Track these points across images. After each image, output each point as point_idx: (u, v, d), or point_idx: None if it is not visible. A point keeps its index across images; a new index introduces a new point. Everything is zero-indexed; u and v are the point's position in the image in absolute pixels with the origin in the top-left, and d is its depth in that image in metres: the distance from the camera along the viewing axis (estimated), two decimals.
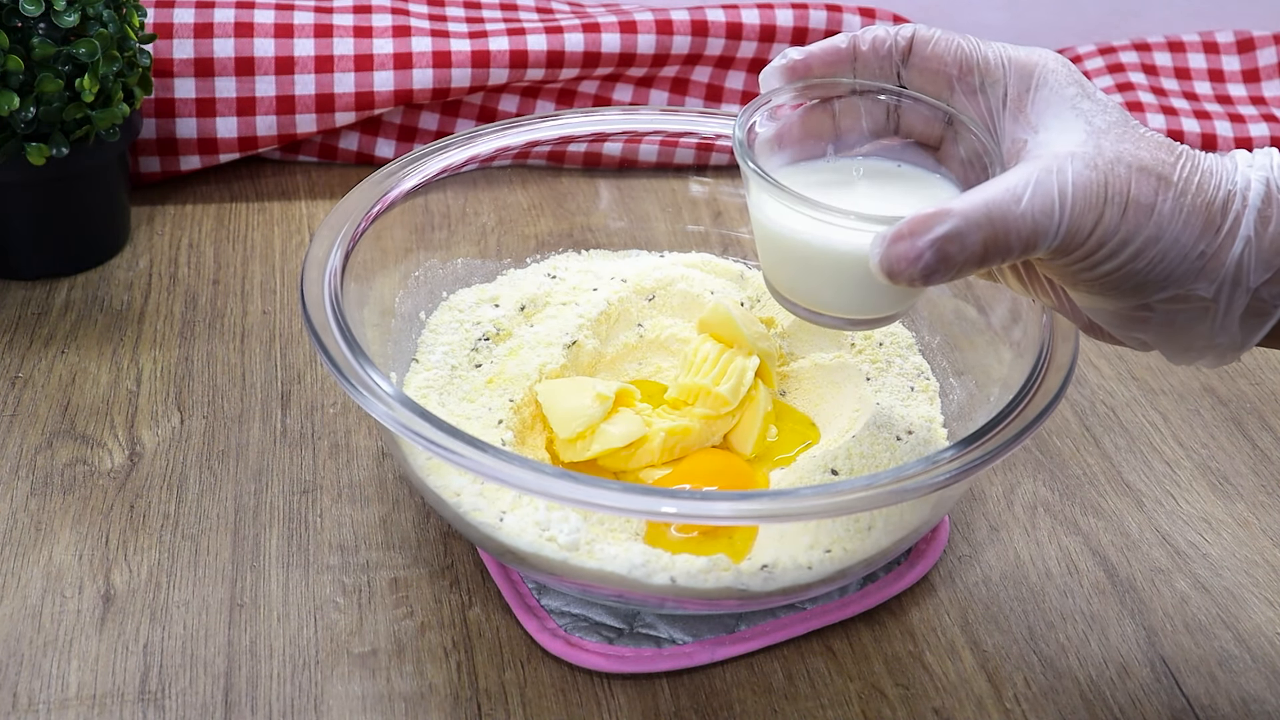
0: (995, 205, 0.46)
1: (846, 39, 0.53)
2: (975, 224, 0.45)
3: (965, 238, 0.46)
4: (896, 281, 0.47)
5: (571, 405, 0.62)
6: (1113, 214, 0.46)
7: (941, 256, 0.46)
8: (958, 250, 0.46)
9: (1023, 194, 0.46)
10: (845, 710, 0.57)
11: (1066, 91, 0.49)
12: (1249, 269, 0.47)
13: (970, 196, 0.46)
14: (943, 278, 0.46)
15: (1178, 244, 0.46)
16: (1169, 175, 0.46)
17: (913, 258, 0.46)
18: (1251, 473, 0.71)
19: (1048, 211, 0.46)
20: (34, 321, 0.76)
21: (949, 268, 0.46)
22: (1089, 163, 0.46)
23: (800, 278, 0.54)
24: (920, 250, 0.46)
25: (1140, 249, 0.46)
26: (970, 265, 0.46)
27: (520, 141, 0.71)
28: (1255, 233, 0.46)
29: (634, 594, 0.56)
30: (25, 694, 0.55)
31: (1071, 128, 0.48)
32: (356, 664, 0.57)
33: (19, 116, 0.72)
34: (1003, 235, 0.46)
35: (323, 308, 0.57)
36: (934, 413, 0.67)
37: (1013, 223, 0.46)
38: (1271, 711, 0.58)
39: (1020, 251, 0.46)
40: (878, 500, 0.51)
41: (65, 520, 0.63)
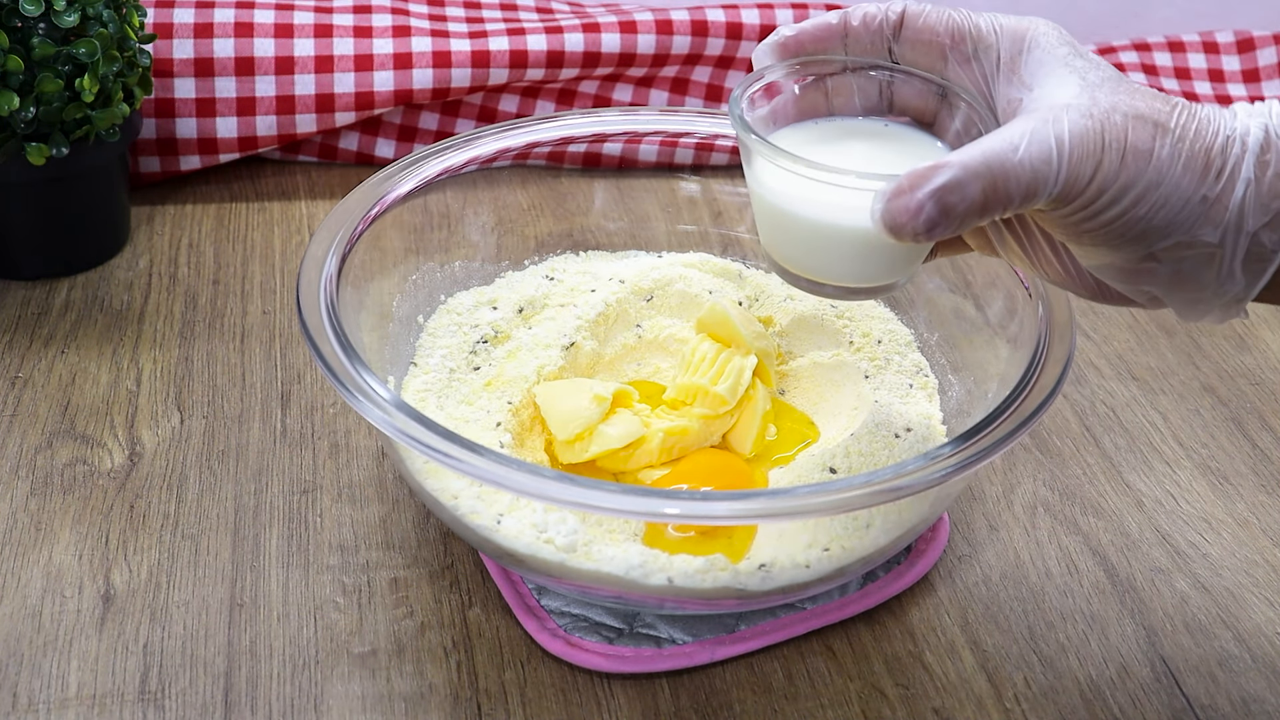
0: (993, 155, 0.46)
1: (838, 15, 0.54)
2: (974, 174, 0.46)
3: (965, 188, 0.46)
4: (899, 237, 0.47)
5: (569, 407, 0.62)
6: (1111, 160, 0.46)
7: (942, 207, 0.46)
8: (958, 200, 0.46)
9: (1020, 143, 0.46)
10: (845, 710, 0.57)
11: (1059, 51, 0.49)
12: (1249, 212, 0.47)
13: (968, 148, 0.46)
14: (944, 230, 0.46)
15: (1178, 189, 0.47)
16: (1165, 122, 0.47)
17: (914, 210, 0.46)
18: (1251, 473, 0.71)
19: (1046, 159, 0.46)
20: (34, 321, 0.76)
21: (950, 219, 0.46)
22: (1085, 112, 0.46)
23: (800, 246, 0.54)
24: (921, 202, 0.46)
25: (1141, 195, 0.47)
26: (972, 216, 0.46)
27: (520, 143, 0.71)
28: (1254, 176, 0.46)
29: (632, 595, 0.56)
30: (25, 694, 0.55)
31: (1066, 83, 0.48)
32: (356, 664, 0.57)
33: (19, 116, 0.72)
34: (1002, 184, 0.46)
35: (319, 313, 0.57)
36: (932, 410, 0.67)
37: (1011, 171, 0.46)
38: (1271, 711, 0.58)
39: (1021, 200, 0.46)
40: (876, 498, 0.51)
41: (65, 520, 0.63)
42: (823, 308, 0.72)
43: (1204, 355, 0.79)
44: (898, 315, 0.72)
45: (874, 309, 0.72)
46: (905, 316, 0.72)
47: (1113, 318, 0.82)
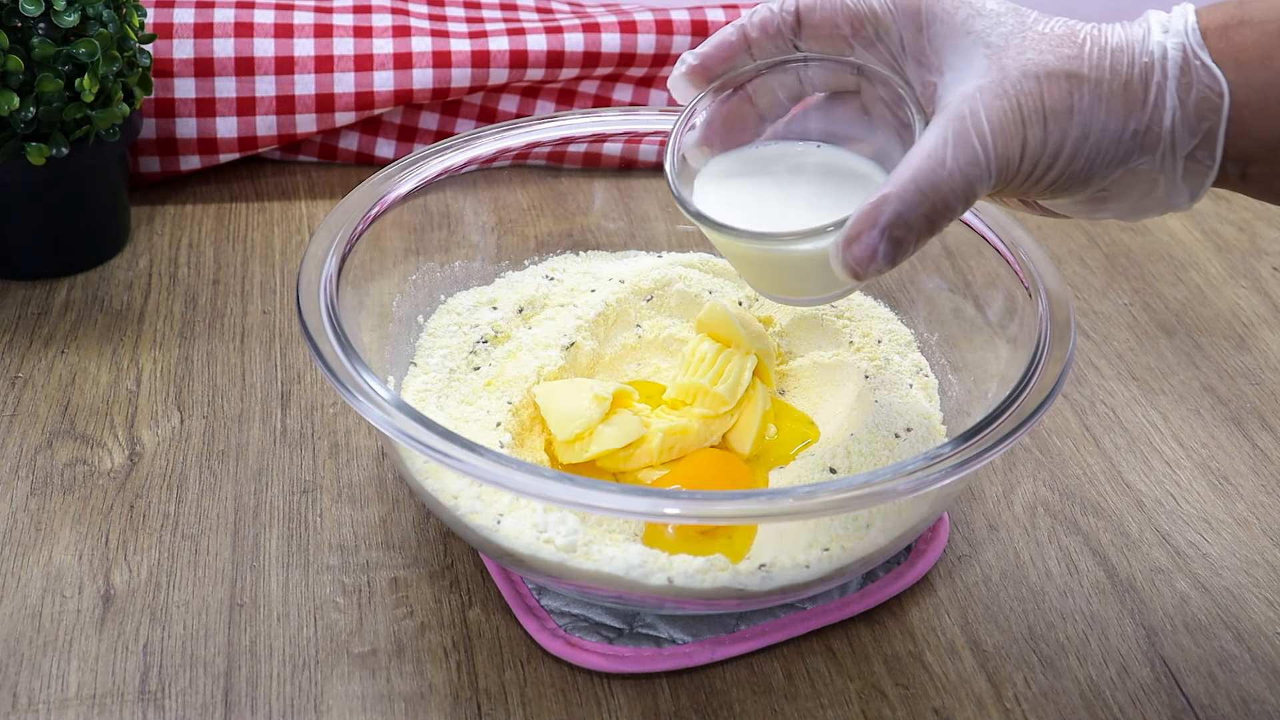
0: (923, 176, 0.47)
1: (735, 29, 0.54)
2: (912, 202, 0.47)
3: (907, 218, 0.47)
4: (865, 278, 0.48)
5: (569, 407, 0.62)
6: (1035, 133, 0.47)
7: (894, 242, 0.47)
8: (905, 232, 0.47)
9: (945, 154, 0.46)
10: (845, 710, 0.57)
11: (957, 17, 0.49)
12: (1179, 137, 0.47)
13: (899, 174, 0.47)
14: (904, 257, 0.48)
15: (1107, 132, 0.47)
16: (1079, 70, 0.47)
17: (869, 254, 0.47)
18: (1251, 473, 0.71)
19: (973, 161, 0.46)
20: (34, 321, 0.76)
21: (904, 248, 0.47)
22: (997, 91, 0.47)
23: (771, 280, 0.57)
24: (873, 244, 0.47)
25: (1074, 151, 0.47)
26: (924, 237, 0.48)
27: (520, 143, 0.71)
28: (1179, 101, 0.47)
29: (632, 595, 0.56)
30: (25, 694, 0.55)
31: (972, 56, 0.48)
32: (356, 664, 0.57)
33: (19, 116, 0.72)
34: (939, 201, 0.47)
35: (319, 313, 0.57)
36: (932, 410, 0.67)
37: (944, 185, 0.46)
38: (1271, 711, 0.58)
39: (963, 206, 0.47)
40: (876, 498, 0.51)
41: (65, 520, 0.63)
42: (822, 308, 0.72)
43: (1204, 355, 0.79)
44: (898, 315, 0.72)
45: (874, 309, 0.73)
46: (905, 316, 0.72)
47: (1112, 318, 0.82)
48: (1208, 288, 0.85)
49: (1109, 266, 0.87)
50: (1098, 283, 0.85)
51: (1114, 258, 0.88)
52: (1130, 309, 0.83)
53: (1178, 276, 0.86)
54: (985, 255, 0.66)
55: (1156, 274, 0.86)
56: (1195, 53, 0.47)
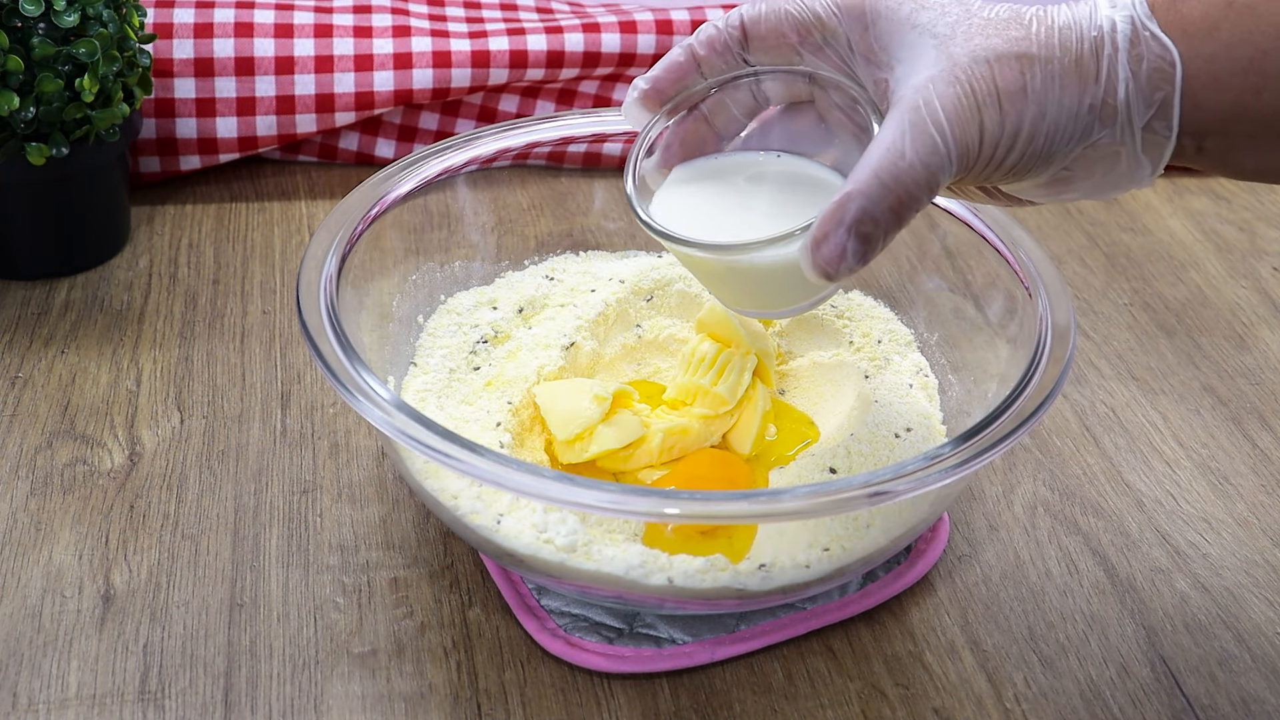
0: (884, 170, 0.46)
1: (683, 50, 0.54)
2: (876, 197, 0.47)
3: (873, 213, 0.47)
4: (836, 279, 0.48)
5: (569, 407, 0.62)
6: (991, 115, 0.47)
7: (862, 239, 0.47)
8: (873, 227, 0.47)
9: (903, 146, 0.46)
10: (845, 710, 0.57)
11: (901, 12, 0.49)
12: (1135, 109, 0.47)
13: (860, 171, 0.47)
14: (874, 254, 0.48)
15: (1064, 108, 0.47)
16: (1028, 50, 0.47)
17: (839, 254, 0.47)
18: (1251, 473, 0.71)
19: (932, 150, 0.46)
20: (34, 321, 0.76)
21: (873, 244, 0.47)
22: (949, 79, 0.47)
23: (741, 294, 0.56)
24: (842, 244, 0.47)
25: (1032, 131, 0.47)
26: (892, 231, 0.48)
27: (521, 143, 0.71)
28: (1132, 72, 0.47)
29: (632, 595, 0.56)
30: (25, 694, 0.55)
31: (919, 48, 0.48)
32: (356, 664, 0.57)
33: (19, 116, 0.72)
34: (904, 193, 0.47)
35: (319, 313, 0.57)
36: (932, 410, 0.67)
37: (905, 177, 0.46)
38: (1271, 711, 0.58)
39: (928, 196, 0.47)
40: (876, 498, 0.51)
41: (65, 520, 0.63)
42: (823, 308, 0.72)
43: (1204, 355, 0.79)
44: (898, 315, 0.72)
45: (874, 309, 0.72)
46: (905, 316, 0.72)
47: (1113, 318, 0.82)
48: (1208, 288, 0.85)
49: (1109, 266, 0.87)
50: (1098, 283, 0.85)
51: (1114, 258, 0.88)
52: (1130, 309, 0.83)
53: (1178, 276, 0.86)
54: (985, 255, 0.66)
55: (1156, 274, 0.86)
56: (1144, 24, 0.47)
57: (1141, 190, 0.95)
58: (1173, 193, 0.95)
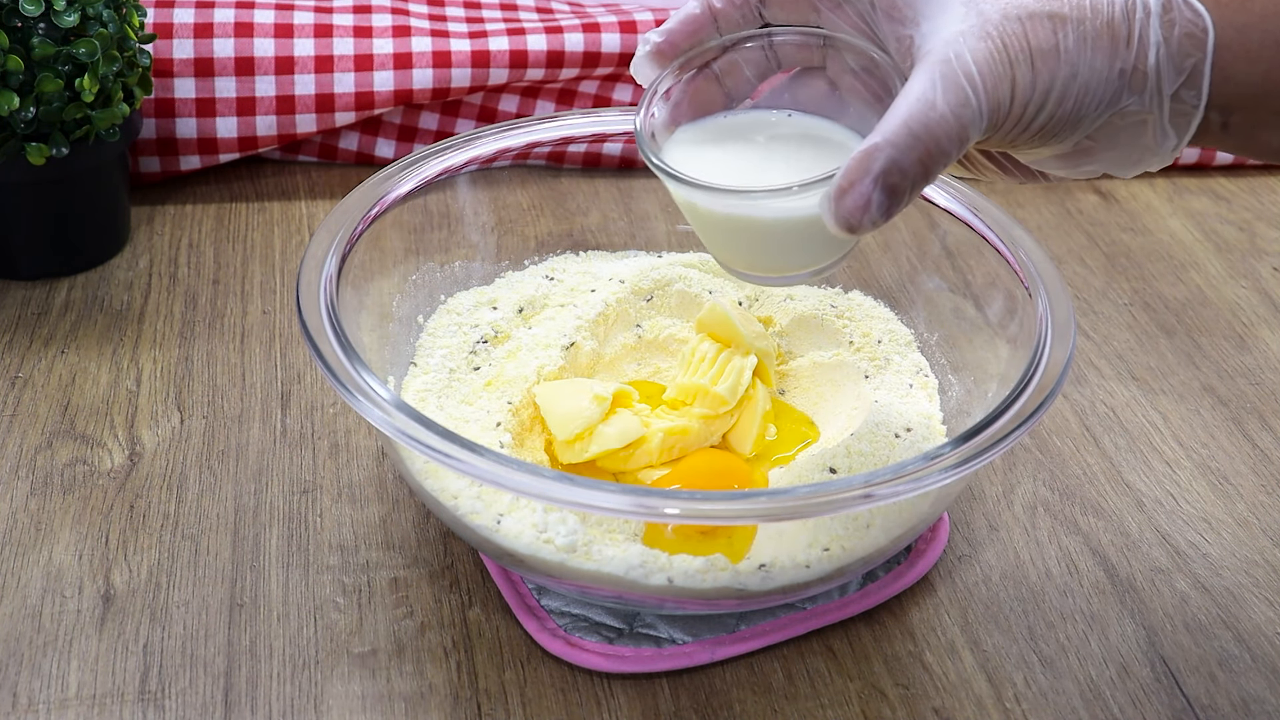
0: (915, 120, 0.46)
1: (699, 3, 0.53)
2: (905, 147, 0.45)
3: (901, 164, 0.46)
4: (858, 232, 0.47)
5: (569, 407, 0.62)
6: (1023, 73, 0.46)
7: (889, 190, 0.46)
8: (900, 178, 0.46)
9: (934, 96, 0.45)
10: (845, 710, 0.57)
11: None
12: (1165, 76, 0.47)
13: (888, 122, 0.46)
14: (899, 208, 0.46)
15: (1094, 71, 0.46)
16: (1060, 11, 0.46)
17: (863, 205, 0.46)
18: (1251, 473, 0.71)
19: (964, 102, 0.46)
20: (34, 321, 0.76)
21: (899, 196, 0.46)
22: (980, 34, 0.46)
23: (750, 253, 0.54)
24: (867, 194, 0.46)
25: (1063, 92, 0.46)
26: (919, 185, 0.46)
27: (521, 143, 0.71)
28: (1163, 38, 0.46)
29: (632, 595, 0.56)
30: (25, 694, 0.55)
31: (947, 4, 0.47)
32: (356, 664, 0.57)
33: (19, 116, 0.72)
34: (934, 145, 0.46)
35: (319, 313, 0.57)
36: (932, 410, 0.67)
37: (936, 128, 0.46)
38: (1271, 711, 0.58)
39: (957, 150, 0.46)
40: (876, 498, 0.51)
41: (65, 520, 0.63)
42: (823, 308, 0.72)
43: (1204, 355, 0.79)
44: (898, 315, 0.72)
45: (874, 309, 0.72)
46: (905, 316, 0.72)
47: (1113, 318, 0.82)
48: (1208, 288, 0.85)
49: (1109, 266, 0.87)
50: (1098, 283, 0.85)
51: (1114, 258, 0.88)
52: (1130, 309, 0.83)
53: (1178, 276, 0.86)
54: (985, 255, 0.66)
55: (1156, 274, 0.86)
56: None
57: (1141, 190, 0.95)
58: (1173, 193, 0.95)
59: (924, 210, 0.70)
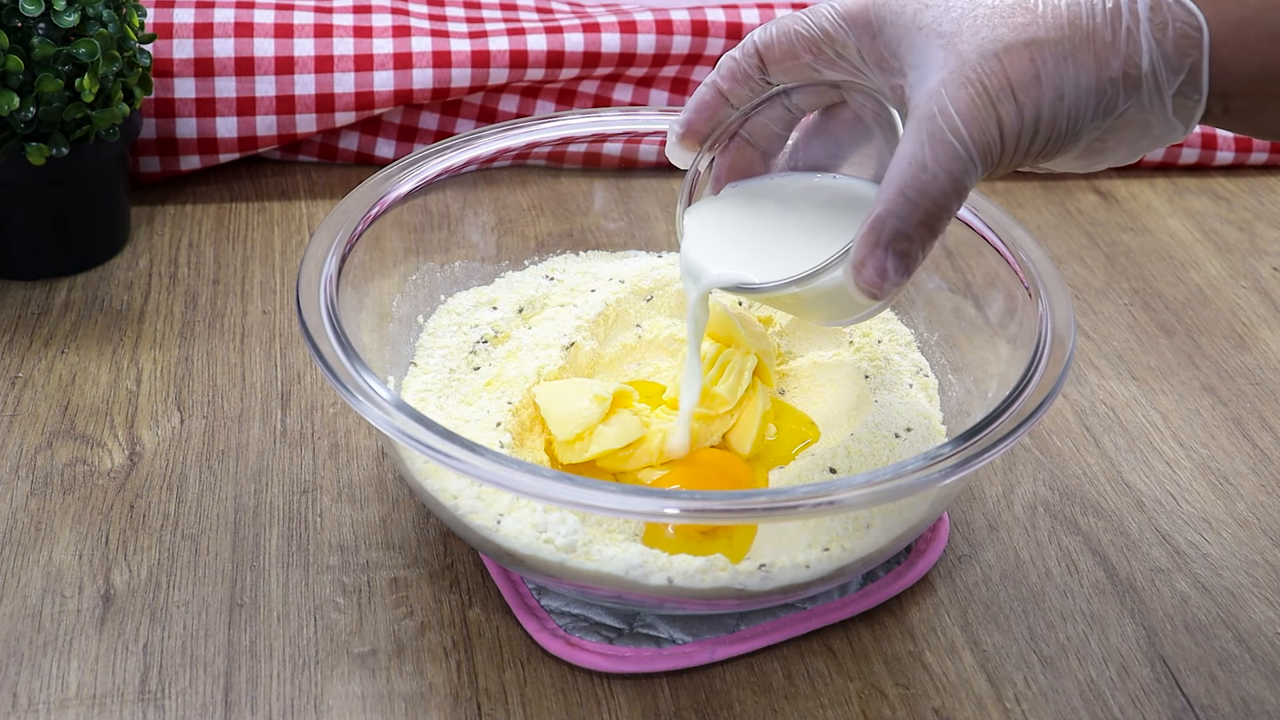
0: (909, 186, 0.47)
1: (708, 87, 0.55)
2: (905, 215, 0.47)
3: (905, 230, 0.47)
4: (883, 298, 0.49)
5: (569, 407, 0.62)
6: (1008, 110, 0.46)
7: (900, 255, 0.47)
8: (908, 244, 0.47)
9: (924, 158, 0.46)
10: (845, 710, 0.57)
11: (905, 15, 0.49)
12: (1162, 78, 0.47)
13: (885, 189, 0.47)
14: (917, 264, 0.48)
15: (1081, 87, 0.46)
16: (1035, 36, 0.46)
17: (880, 275, 0.48)
18: (1251, 473, 0.71)
19: (954, 157, 0.46)
20: (34, 321, 0.76)
21: (912, 259, 0.48)
22: (959, 80, 0.46)
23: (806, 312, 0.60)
24: (881, 265, 0.48)
25: (1052, 115, 0.47)
26: (929, 242, 0.48)
27: (520, 143, 0.71)
28: (1156, 41, 0.46)
29: (632, 595, 0.56)
30: (25, 694, 0.55)
31: (927, 51, 0.48)
32: (356, 664, 0.57)
33: (19, 116, 0.72)
34: (932, 205, 0.47)
35: (319, 313, 0.57)
36: (933, 409, 0.67)
37: (930, 189, 0.46)
38: (1271, 711, 0.58)
39: (958, 202, 0.47)
40: (876, 498, 0.51)
41: (65, 520, 0.63)
42: None
43: (1204, 355, 0.79)
44: (898, 315, 0.72)
45: None
46: (905, 316, 0.72)
47: (1113, 318, 0.82)
48: (1208, 288, 0.85)
49: (1109, 266, 0.87)
50: (1098, 283, 0.85)
51: (1114, 258, 0.88)
52: (1130, 309, 0.83)
53: (1178, 276, 0.86)
54: (985, 255, 0.66)
55: (1156, 274, 0.86)
56: None
57: (1141, 190, 0.95)
58: (1173, 193, 0.95)
59: None
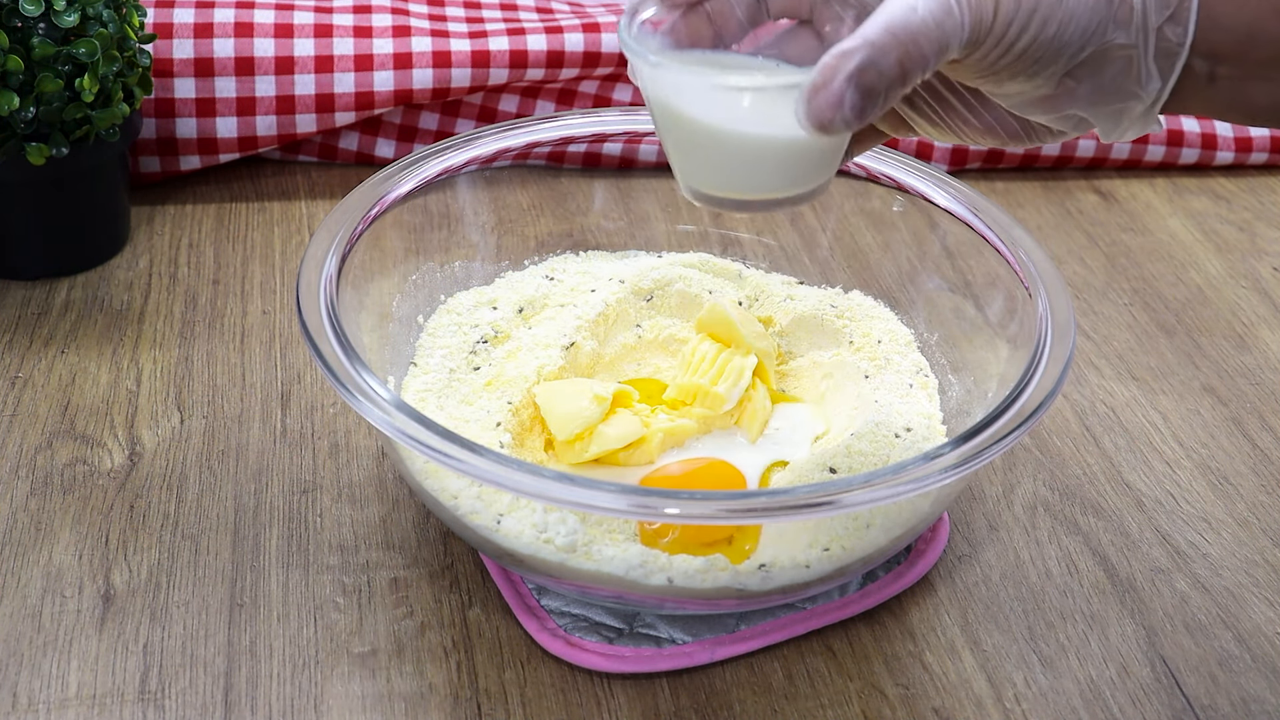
0: (896, 22, 0.45)
1: None
2: (884, 48, 0.45)
3: (879, 64, 0.45)
4: (830, 131, 0.46)
5: (569, 407, 0.62)
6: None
7: (864, 90, 0.45)
8: (877, 78, 0.45)
9: (916, 2, 0.45)
10: (845, 710, 0.57)
11: None
12: (1150, 8, 0.46)
13: (870, 24, 0.46)
14: (873, 111, 0.46)
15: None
16: None
17: (836, 100, 0.45)
18: (1251, 473, 0.71)
19: (947, 10, 0.45)
20: (34, 321, 0.76)
21: (874, 98, 0.46)
22: None
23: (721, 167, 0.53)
24: (841, 91, 0.45)
25: (1047, 14, 0.46)
26: (895, 89, 0.46)
27: (521, 143, 0.71)
28: None
29: (632, 595, 0.56)
30: (25, 694, 0.55)
31: None
32: (356, 664, 0.57)
33: (19, 116, 0.72)
34: (913, 47, 0.45)
35: (319, 313, 0.57)
36: (932, 409, 0.67)
37: (917, 31, 0.45)
38: (1271, 711, 0.58)
39: (936, 58, 0.46)
40: (876, 498, 0.51)
41: (65, 520, 0.63)
42: (823, 308, 0.72)
43: (1204, 355, 0.79)
44: (898, 315, 0.72)
45: (874, 309, 0.72)
46: (905, 316, 0.72)
47: (1112, 318, 0.82)
48: (1208, 288, 0.85)
49: (1109, 266, 0.87)
50: (1098, 283, 0.85)
51: (1114, 258, 0.88)
52: (1130, 309, 0.83)
53: (1178, 276, 0.86)
54: (985, 255, 0.66)
55: (1156, 274, 0.86)
56: None
57: (1141, 190, 0.95)
58: (1173, 193, 0.95)
59: (924, 210, 0.70)
